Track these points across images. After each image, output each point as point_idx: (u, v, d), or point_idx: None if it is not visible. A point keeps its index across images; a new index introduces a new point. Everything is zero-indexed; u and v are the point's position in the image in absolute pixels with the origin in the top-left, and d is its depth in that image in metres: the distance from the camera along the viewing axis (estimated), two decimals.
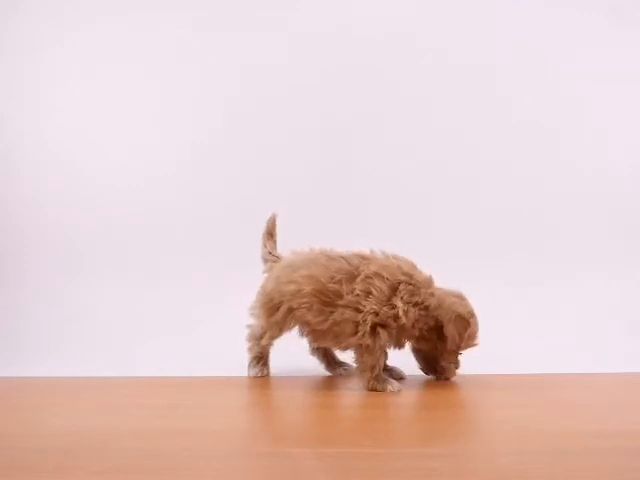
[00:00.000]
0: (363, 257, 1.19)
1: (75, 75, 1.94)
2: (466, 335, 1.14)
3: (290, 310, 1.21)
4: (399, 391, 1.11)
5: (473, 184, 1.85)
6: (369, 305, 1.12)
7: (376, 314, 1.12)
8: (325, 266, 1.18)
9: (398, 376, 1.22)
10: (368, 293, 1.13)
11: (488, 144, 1.86)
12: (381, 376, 1.14)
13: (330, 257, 1.20)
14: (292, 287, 1.19)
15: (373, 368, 1.13)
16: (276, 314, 1.22)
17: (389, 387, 1.12)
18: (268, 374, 1.29)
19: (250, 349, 1.30)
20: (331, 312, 1.16)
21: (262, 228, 1.38)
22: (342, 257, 1.20)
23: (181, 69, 1.92)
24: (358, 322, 1.13)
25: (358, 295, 1.13)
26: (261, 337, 1.27)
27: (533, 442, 0.82)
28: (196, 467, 0.75)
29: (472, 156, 1.85)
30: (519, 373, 1.26)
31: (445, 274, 1.72)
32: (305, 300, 1.17)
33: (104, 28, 1.93)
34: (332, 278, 1.16)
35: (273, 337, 1.26)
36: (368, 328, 1.12)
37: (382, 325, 1.12)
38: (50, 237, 1.89)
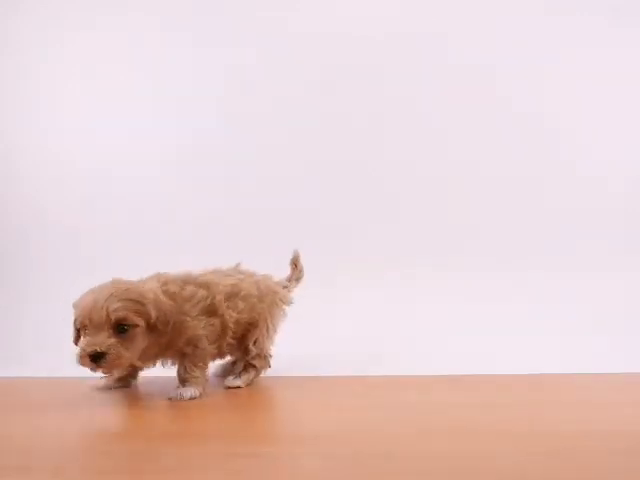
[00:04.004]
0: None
1: (76, 75, 1.94)
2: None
3: None
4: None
5: (473, 182, 1.85)
6: None
7: None
8: None
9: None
10: None
11: (487, 143, 1.86)
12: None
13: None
14: None
15: None
16: None
17: None
18: None
19: None
20: None
21: (263, 228, 1.38)
22: None
23: (182, 69, 1.92)
24: None
25: None
26: None
27: (533, 442, 0.82)
28: (196, 467, 0.75)
29: (472, 154, 1.85)
30: (518, 373, 1.25)
31: (444, 273, 1.73)
32: None
33: (104, 28, 1.93)
34: None
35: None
36: None
37: None
38: (50, 237, 1.89)
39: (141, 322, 1.05)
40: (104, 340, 1.01)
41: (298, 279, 1.38)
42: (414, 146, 1.86)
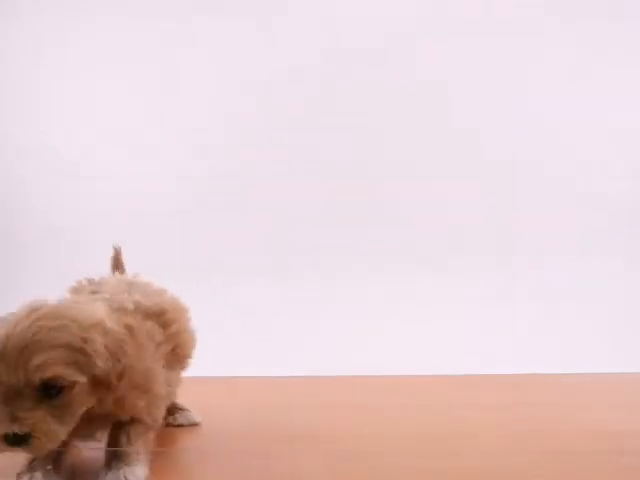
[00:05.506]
0: None
1: (78, 77, 1.93)
2: None
3: None
4: None
5: (472, 180, 1.85)
6: None
7: None
8: None
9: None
10: None
11: (487, 141, 1.86)
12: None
13: None
14: None
15: None
16: None
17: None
18: None
19: None
20: None
21: (262, 226, 1.37)
22: None
23: (182, 68, 1.91)
24: None
25: None
26: None
27: (533, 442, 0.82)
28: (197, 468, 0.75)
29: (471, 152, 1.85)
30: (517, 373, 1.25)
31: (444, 272, 1.73)
32: None
33: (105, 28, 1.92)
34: None
35: None
36: None
37: None
38: (52, 238, 1.89)
39: (82, 378, 0.65)
40: (26, 413, 0.62)
41: None
42: (413, 147, 1.86)
